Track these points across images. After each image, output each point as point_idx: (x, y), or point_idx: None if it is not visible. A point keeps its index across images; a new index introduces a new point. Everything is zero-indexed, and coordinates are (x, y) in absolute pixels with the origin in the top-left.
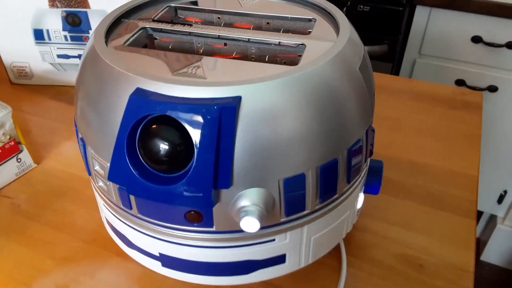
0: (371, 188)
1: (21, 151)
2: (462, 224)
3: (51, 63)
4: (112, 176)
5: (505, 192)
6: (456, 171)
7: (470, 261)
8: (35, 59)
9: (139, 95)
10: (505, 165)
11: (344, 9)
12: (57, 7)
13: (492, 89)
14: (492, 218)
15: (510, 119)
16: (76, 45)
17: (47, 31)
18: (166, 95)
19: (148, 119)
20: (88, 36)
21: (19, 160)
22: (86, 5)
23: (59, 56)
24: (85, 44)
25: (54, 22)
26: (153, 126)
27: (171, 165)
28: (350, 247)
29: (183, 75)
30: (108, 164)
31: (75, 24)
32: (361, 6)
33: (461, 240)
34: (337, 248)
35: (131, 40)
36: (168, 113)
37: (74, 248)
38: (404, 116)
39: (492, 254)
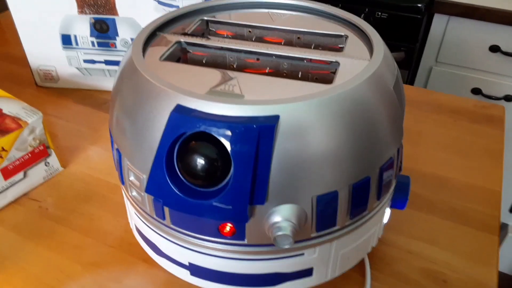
0: (398, 203)
1: (50, 155)
2: (485, 240)
3: (77, 68)
4: (150, 189)
5: None
6: (479, 186)
7: (493, 277)
8: (62, 63)
9: (180, 112)
10: None
11: (362, 15)
12: (86, 13)
13: (509, 98)
14: (504, 227)
15: None
16: (102, 51)
17: (75, 36)
18: (206, 112)
19: (187, 135)
20: (115, 43)
21: (47, 164)
22: (114, 13)
23: (85, 61)
24: (112, 50)
25: (82, 28)
26: (192, 142)
27: (208, 180)
28: (374, 261)
29: (221, 92)
30: (144, 176)
31: (103, 30)
32: (379, 13)
33: (484, 256)
34: (361, 262)
35: (167, 54)
36: (208, 130)
37: (101, 253)
38: (426, 129)
39: (503, 263)
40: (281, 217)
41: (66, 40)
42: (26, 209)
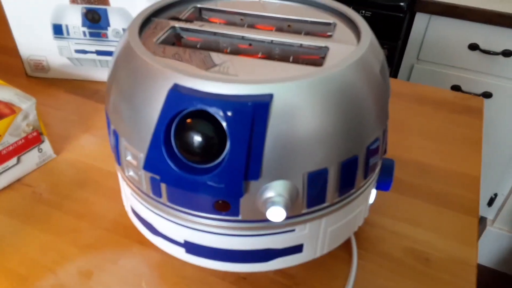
0: (383, 184)
1: (43, 141)
2: (465, 221)
3: (68, 58)
4: (148, 165)
5: (495, 195)
6: (459, 172)
7: (473, 256)
8: (53, 53)
9: (177, 90)
10: (496, 169)
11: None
12: (78, 3)
13: (487, 95)
14: (482, 220)
15: (502, 125)
16: (94, 41)
17: (66, 26)
18: (203, 91)
19: (185, 113)
20: (106, 33)
21: (40, 150)
22: (106, 3)
23: (76, 51)
24: (103, 41)
25: (73, 18)
26: (189, 120)
27: (204, 156)
28: (360, 241)
29: (216, 72)
30: (142, 155)
31: (95, 20)
32: (363, 11)
33: (465, 236)
34: (347, 241)
35: (162, 38)
36: (205, 108)
37: (96, 236)
38: (408, 118)
39: (482, 256)
40: (274, 192)
41: (58, 30)
42: (20, 194)
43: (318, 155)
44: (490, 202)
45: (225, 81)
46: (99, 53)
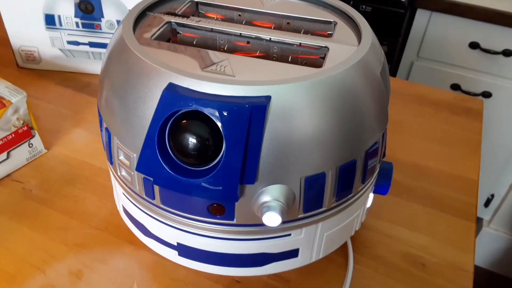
0: (381, 188)
1: (33, 136)
2: (462, 226)
3: (60, 49)
4: (141, 167)
5: (492, 196)
6: (457, 175)
7: (469, 261)
8: (45, 44)
9: (172, 90)
10: (494, 169)
11: None
12: None
13: (486, 95)
14: (479, 221)
15: (502, 125)
16: (87, 32)
17: (59, 16)
18: (198, 91)
19: (179, 114)
20: (100, 24)
21: (30, 145)
22: None
23: (69, 42)
24: (97, 32)
25: (66, 8)
26: (184, 121)
27: (199, 158)
28: (356, 244)
29: (213, 72)
30: (135, 155)
31: (88, 11)
32: (363, 6)
33: (461, 241)
34: (344, 245)
35: (157, 34)
36: (201, 109)
37: (86, 235)
38: (407, 119)
39: (478, 257)
40: (270, 196)
41: (50, 20)
42: (9, 190)
43: (316, 159)
44: (487, 203)
45: (222, 82)
46: (92, 45)
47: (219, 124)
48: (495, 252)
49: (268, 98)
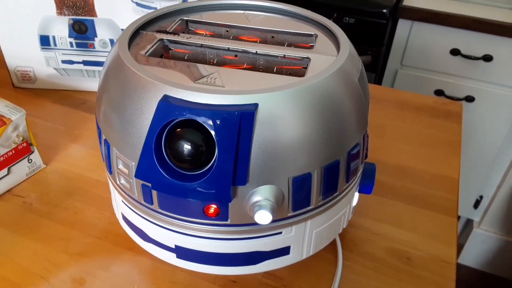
0: (365, 188)
1: (32, 152)
2: (444, 221)
3: (55, 68)
4: (140, 173)
5: (481, 197)
6: (439, 174)
7: (452, 254)
8: (40, 64)
9: (167, 101)
10: (481, 171)
11: (331, 20)
12: (65, 14)
13: (469, 99)
14: (469, 222)
15: (486, 127)
16: (81, 51)
17: (53, 37)
18: (191, 101)
19: (174, 123)
20: (93, 43)
21: (30, 161)
22: (93, 14)
23: (63, 61)
24: (90, 51)
25: (60, 29)
26: (179, 129)
27: (194, 163)
28: (344, 242)
29: (204, 83)
30: (133, 163)
31: (81, 31)
32: (347, 18)
33: (444, 236)
34: (332, 243)
35: (151, 50)
36: (194, 117)
37: (87, 244)
38: (390, 123)
39: (469, 257)
40: (261, 196)
41: (44, 41)
42: (10, 204)
43: (302, 161)
44: (476, 204)
45: (212, 92)
46: (86, 63)
47: (212, 131)
48: (486, 252)
49: (255, 105)
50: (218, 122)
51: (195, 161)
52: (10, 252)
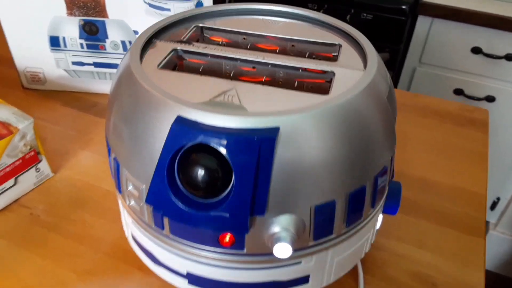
0: (390, 208)
1: (40, 161)
2: (471, 242)
3: (65, 70)
4: (151, 199)
5: (498, 199)
6: (464, 189)
7: (480, 279)
8: (50, 65)
9: (181, 124)
10: (499, 173)
11: (348, 16)
12: (75, 15)
13: (490, 99)
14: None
15: (506, 129)
16: (91, 53)
17: (64, 38)
18: (207, 124)
19: (188, 146)
20: (104, 45)
21: (37, 170)
22: (104, 15)
23: (74, 63)
24: (101, 53)
25: (71, 30)
26: (194, 154)
27: (209, 191)
28: (366, 265)
29: (220, 103)
30: (144, 186)
31: (92, 32)
32: (364, 14)
33: (471, 258)
34: (353, 267)
35: (164, 62)
36: (209, 142)
37: (95, 261)
38: (411, 131)
39: None
40: (280, 227)
41: (55, 42)
42: (17, 216)
43: (325, 188)
44: (493, 206)
45: (230, 114)
46: (96, 65)
47: (228, 157)
48: (502, 255)
49: (276, 129)
50: (235, 148)
51: (210, 188)
52: (16, 267)
